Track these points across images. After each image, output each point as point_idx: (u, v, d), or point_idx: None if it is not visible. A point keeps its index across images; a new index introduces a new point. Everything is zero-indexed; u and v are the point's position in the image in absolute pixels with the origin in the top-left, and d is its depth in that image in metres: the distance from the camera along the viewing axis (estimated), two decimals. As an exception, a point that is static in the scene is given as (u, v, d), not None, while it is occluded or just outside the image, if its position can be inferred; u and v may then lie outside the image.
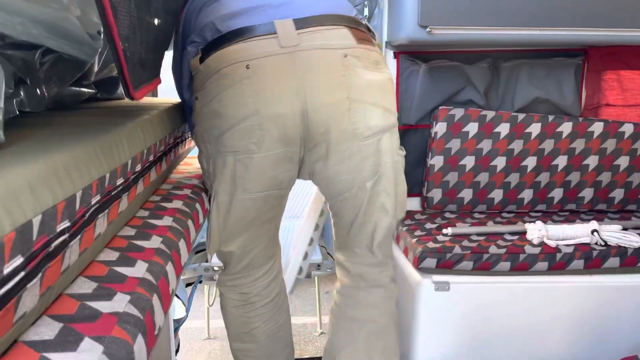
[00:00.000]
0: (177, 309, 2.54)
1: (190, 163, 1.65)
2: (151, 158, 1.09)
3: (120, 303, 0.65)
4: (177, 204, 1.14)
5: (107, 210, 0.80)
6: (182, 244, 0.95)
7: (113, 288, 0.69)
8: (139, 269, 0.77)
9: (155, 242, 0.89)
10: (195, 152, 1.92)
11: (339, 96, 1.24)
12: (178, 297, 2.34)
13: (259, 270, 1.53)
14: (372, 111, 1.29)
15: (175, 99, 1.69)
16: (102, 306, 0.64)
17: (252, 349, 1.60)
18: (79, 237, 0.67)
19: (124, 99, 1.64)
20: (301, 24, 1.22)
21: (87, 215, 0.70)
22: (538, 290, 1.81)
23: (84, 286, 0.70)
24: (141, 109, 1.21)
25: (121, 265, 0.78)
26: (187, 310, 2.54)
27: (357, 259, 1.52)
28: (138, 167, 0.97)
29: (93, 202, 0.71)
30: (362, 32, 1.31)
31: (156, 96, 2.02)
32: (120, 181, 0.85)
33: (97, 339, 0.56)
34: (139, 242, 0.88)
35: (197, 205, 1.19)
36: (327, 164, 1.33)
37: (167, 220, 1.01)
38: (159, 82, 1.35)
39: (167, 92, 2.16)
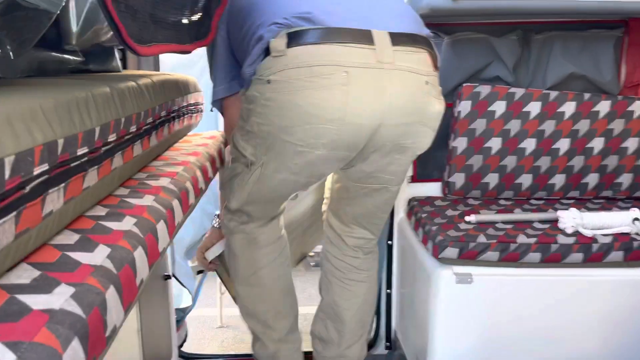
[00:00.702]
0: (184, 298, 2.43)
1: (189, 140, 1.51)
2: (133, 129, 0.96)
3: (59, 297, 0.51)
4: (164, 181, 1.00)
5: (63, 185, 0.66)
6: (161, 227, 0.82)
7: (57, 278, 0.56)
8: (98, 255, 0.64)
9: (127, 223, 0.76)
10: (197, 130, 1.79)
11: (414, 119, 1.30)
12: (183, 285, 2.23)
13: (267, 219, 1.61)
14: (430, 136, 1.38)
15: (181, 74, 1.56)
16: (35, 301, 0.50)
17: (258, 293, 1.66)
18: (14, 214, 0.53)
19: (120, 71, 1.51)
20: (396, 39, 1.23)
21: (27, 188, 0.56)
22: (572, 284, 1.64)
23: (23, 275, 0.56)
24: (129, 78, 1.07)
25: (77, 250, 0.64)
26: (195, 300, 2.43)
27: (355, 234, 1.65)
28: (112, 137, 0.84)
29: (36, 172, 0.58)
30: (434, 55, 1.34)
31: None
32: (82, 151, 0.71)
33: (11, 345, 0.42)
34: (107, 223, 0.75)
35: (188, 184, 1.05)
36: (371, 165, 1.40)
37: (147, 200, 0.88)
38: (186, 49, 1.24)
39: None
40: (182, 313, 2.24)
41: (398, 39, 1.23)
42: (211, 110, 3.01)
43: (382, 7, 1.29)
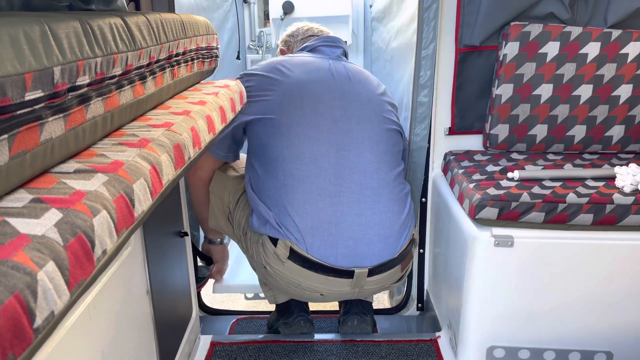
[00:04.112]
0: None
1: (199, 88, 1.38)
2: (116, 72, 0.83)
3: (-33, 280, 0.40)
4: (156, 133, 0.88)
5: (6, 136, 0.55)
6: (139, 186, 0.70)
7: (-21, 253, 0.44)
8: (45, 222, 0.52)
9: (94, 182, 0.64)
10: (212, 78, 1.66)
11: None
12: (200, 251, 2.14)
13: None
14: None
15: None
16: None
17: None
18: None
19: (126, 11, 1.37)
20: (373, 272, 1.52)
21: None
22: (629, 249, 1.46)
23: (-60, 248, 0.45)
24: (117, 15, 0.93)
25: (21, 216, 0.53)
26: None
27: None
28: (82, 81, 0.71)
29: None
30: (410, 257, 1.62)
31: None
32: (33, 95, 0.59)
33: None
34: (71, 182, 0.63)
35: (185, 136, 0.92)
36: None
37: (129, 154, 0.76)
38: None
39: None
40: (206, 270, 2.18)
41: (374, 271, 1.52)
42: (237, 58, 2.86)
43: (372, 239, 1.52)
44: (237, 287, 2.19)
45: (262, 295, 2.21)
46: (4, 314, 0.39)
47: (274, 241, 1.51)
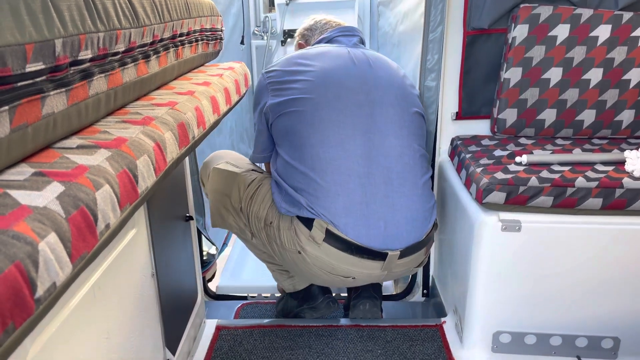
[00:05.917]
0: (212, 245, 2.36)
1: (204, 70, 1.36)
2: (119, 49, 0.82)
3: (-33, 248, 0.39)
4: (160, 111, 0.87)
5: (7, 108, 0.54)
6: (143, 163, 0.69)
7: (-21, 223, 0.44)
8: (46, 194, 0.51)
9: (97, 157, 0.63)
10: (217, 60, 1.64)
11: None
12: (206, 237, 2.13)
13: None
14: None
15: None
16: None
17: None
18: None
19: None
20: (403, 253, 1.53)
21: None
22: (638, 234, 1.44)
23: (-60, 218, 0.45)
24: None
25: (22, 189, 0.52)
26: (223, 246, 2.37)
27: None
28: (84, 55, 0.70)
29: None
30: (432, 241, 1.66)
31: None
32: (34, 67, 0.58)
33: None
34: (73, 157, 0.62)
35: (189, 115, 0.91)
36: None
37: (132, 131, 0.75)
38: None
39: None
40: (212, 257, 2.18)
41: (405, 252, 1.53)
42: (241, 43, 2.83)
43: (400, 221, 1.52)
44: (239, 288, 2.21)
45: (264, 295, 2.23)
46: (4, 282, 0.39)
47: (308, 225, 1.50)
